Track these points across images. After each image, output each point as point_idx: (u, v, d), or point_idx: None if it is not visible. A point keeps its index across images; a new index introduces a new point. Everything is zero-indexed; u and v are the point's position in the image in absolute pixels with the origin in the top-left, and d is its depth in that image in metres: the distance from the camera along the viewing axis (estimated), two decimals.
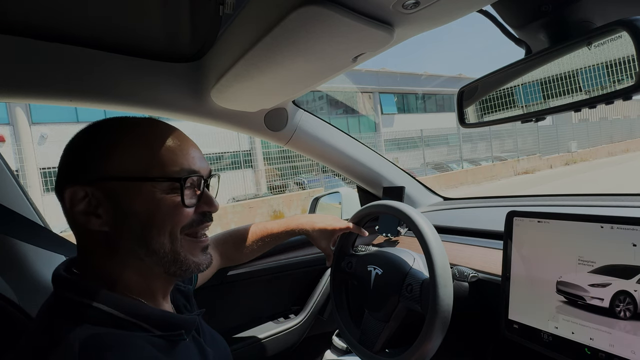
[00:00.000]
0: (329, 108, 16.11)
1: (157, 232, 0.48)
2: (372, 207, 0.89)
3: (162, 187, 0.48)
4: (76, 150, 0.49)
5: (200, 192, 0.52)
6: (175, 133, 0.52)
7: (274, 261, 1.19)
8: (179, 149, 0.50)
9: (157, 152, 0.48)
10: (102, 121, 0.51)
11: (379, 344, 0.81)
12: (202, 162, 0.53)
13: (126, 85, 0.83)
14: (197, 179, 0.51)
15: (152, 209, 0.47)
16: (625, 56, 0.46)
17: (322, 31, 0.55)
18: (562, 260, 0.62)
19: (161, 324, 0.47)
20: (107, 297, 0.45)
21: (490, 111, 0.65)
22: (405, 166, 5.13)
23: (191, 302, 0.62)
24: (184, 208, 0.49)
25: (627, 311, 0.54)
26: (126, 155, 0.47)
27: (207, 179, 0.53)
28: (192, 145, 0.53)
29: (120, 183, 0.46)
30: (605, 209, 0.87)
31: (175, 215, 0.48)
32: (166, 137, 0.50)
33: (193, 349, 0.53)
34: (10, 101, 0.82)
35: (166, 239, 0.48)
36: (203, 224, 0.53)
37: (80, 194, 0.46)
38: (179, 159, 0.49)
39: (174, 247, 0.49)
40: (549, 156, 14.71)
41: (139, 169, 0.47)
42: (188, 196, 0.50)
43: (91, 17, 0.66)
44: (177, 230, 0.49)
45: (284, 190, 9.94)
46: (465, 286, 0.82)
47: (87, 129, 0.50)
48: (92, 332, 0.41)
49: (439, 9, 0.53)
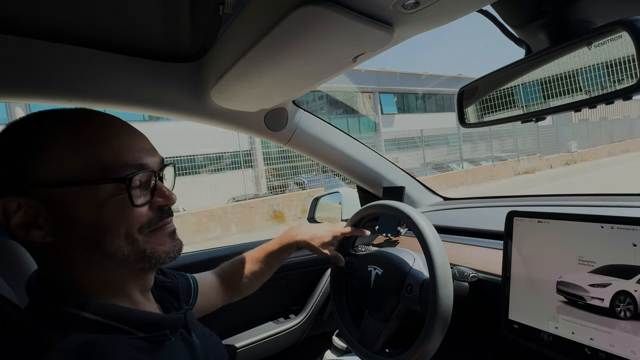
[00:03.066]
0: (329, 108, 16.11)
1: (110, 236, 0.43)
2: (372, 208, 0.89)
3: (107, 189, 0.43)
4: (2, 154, 0.42)
5: (153, 187, 0.47)
6: (116, 124, 0.46)
7: None
8: (121, 144, 0.45)
9: (96, 149, 0.43)
10: (27, 118, 0.44)
11: (379, 344, 0.81)
12: (150, 154, 0.48)
13: (126, 85, 0.83)
14: (146, 175, 0.46)
15: (100, 214, 0.43)
16: (625, 56, 0.46)
17: (322, 31, 0.55)
18: (562, 260, 0.62)
19: (143, 325, 0.45)
20: (86, 304, 0.43)
21: (490, 111, 0.65)
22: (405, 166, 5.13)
23: (179, 298, 0.59)
24: (135, 208, 0.44)
25: (627, 311, 0.54)
26: (60, 156, 0.41)
27: (158, 172, 0.49)
28: (137, 136, 0.48)
29: (58, 189, 0.41)
30: (606, 209, 0.87)
31: (126, 217, 0.44)
32: (105, 131, 0.45)
33: (181, 348, 0.50)
34: (10, 101, 0.82)
35: (122, 242, 0.44)
36: (162, 221, 0.48)
37: (13, 206, 0.41)
38: (122, 155, 0.44)
39: (135, 247, 0.45)
40: (549, 156, 14.71)
41: (78, 172, 0.42)
42: (137, 195, 0.45)
43: (91, 17, 0.66)
44: (133, 232, 0.45)
45: (284, 190, 9.94)
46: (465, 286, 0.82)
47: (9, 128, 0.43)
48: (78, 340, 0.39)
49: (439, 9, 0.53)
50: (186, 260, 1.08)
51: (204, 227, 7.50)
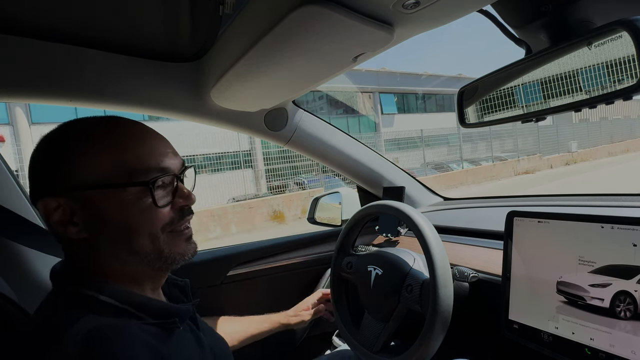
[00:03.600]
0: (329, 108, 16.11)
1: (136, 235, 0.48)
2: (372, 207, 0.89)
3: (133, 191, 0.47)
4: (42, 160, 0.48)
5: (174, 189, 0.51)
6: (141, 131, 0.51)
7: (274, 261, 1.19)
8: (145, 149, 0.49)
9: (122, 155, 0.47)
10: (64, 127, 0.50)
11: (379, 344, 0.81)
12: (172, 158, 0.52)
13: (126, 85, 0.83)
14: (168, 178, 0.50)
15: (127, 214, 0.47)
16: (625, 56, 0.46)
17: (322, 31, 0.55)
18: (563, 260, 0.62)
19: (155, 312, 0.48)
20: (104, 287, 0.46)
21: (490, 111, 0.65)
22: (405, 166, 5.13)
23: (188, 295, 0.63)
24: (159, 209, 0.49)
25: (628, 311, 0.54)
26: (91, 162, 0.47)
27: (180, 174, 0.53)
28: (159, 141, 0.52)
29: (90, 191, 0.46)
30: (606, 209, 0.87)
31: (151, 217, 0.48)
32: (131, 138, 0.49)
33: (189, 338, 0.53)
34: (10, 101, 0.82)
35: (147, 240, 0.49)
36: (184, 219, 0.53)
37: (53, 205, 0.46)
38: (146, 160, 0.48)
39: (156, 246, 0.49)
40: (549, 156, 14.70)
41: (106, 176, 0.46)
42: (160, 196, 0.49)
43: (91, 17, 0.66)
44: (157, 231, 0.49)
45: (284, 191, 9.93)
46: (466, 286, 0.82)
47: (49, 136, 0.49)
48: (95, 323, 0.42)
49: (439, 9, 0.53)
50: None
51: (204, 227, 7.50)
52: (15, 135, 9.38)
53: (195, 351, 0.53)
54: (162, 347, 0.45)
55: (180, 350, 0.49)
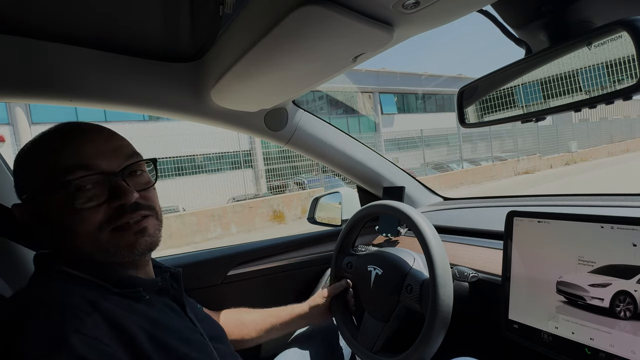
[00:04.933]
0: (329, 108, 16.10)
1: (72, 237, 0.49)
2: (372, 207, 0.89)
3: (58, 197, 0.47)
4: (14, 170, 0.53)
5: (109, 187, 0.49)
6: (71, 132, 0.50)
7: (274, 261, 1.19)
8: (68, 149, 0.48)
9: (48, 159, 0.48)
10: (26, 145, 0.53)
11: (379, 344, 0.81)
12: (107, 155, 0.50)
13: (126, 85, 0.83)
14: (95, 177, 0.48)
15: (60, 218, 0.48)
16: (625, 56, 0.46)
17: (322, 31, 0.55)
18: (562, 260, 0.62)
19: (117, 282, 0.50)
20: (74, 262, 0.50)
21: (490, 111, 0.65)
22: (405, 166, 5.13)
23: (179, 283, 0.63)
24: (85, 211, 0.48)
25: (627, 311, 0.54)
26: (30, 172, 0.50)
27: (121, 171, 0.51)
28: (90, 140, 0.50)
29: (33, 201, 0.50)
30: (605, 209, 0.87)
31: (78, 219, 0.48)
32: (57, 140, 0.49)
33: (161, 307, 0.54)
34: (10, 101, 0.82)
35: (84, 241, 0.49)
36: (123, 216, 0.50)
37: (17, 212, 0.52)
38: (65, 161, 0.47)
39: (97, 245, 0.49)
40: (549, 156, 14.70)
41: (36, 185, 0.49)
42: (86, 198, 0.48)
43: (91, 17, 0.66)
44: (92, 231, 0.48)
45: (284, 190, 9.93)
46: (465, 286, 0.82)
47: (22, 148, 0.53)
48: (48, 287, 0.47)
49: (439, 9, 0.53)
50: (186, 260, 1.08)
51: (204, 227, 7.50)
52: (15, 135, 9.37)
53: (171, 323, 0.53)
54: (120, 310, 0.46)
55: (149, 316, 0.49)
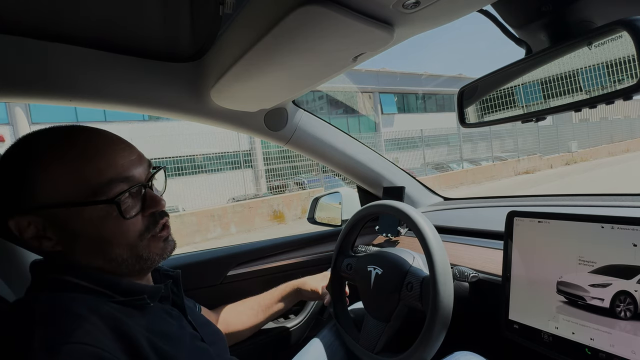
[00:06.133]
0: (329, 108, 16.10)
1: (112, 246, 0.48)
2: (373, 207, 0.89)
3: (99, 208, 0.46)
4: (6, 178, 0.46)
5: (142, 196, 0.51)
6: (102, 141, 0.49)
7: (274, 261, 1.19)
8: (106, 161, 0.48)
9: (82, 171, 0.46)
10: (25, 141, 0.48)
11: (380, 345, 0.81)
12: (137, 165, 0.51)
13: (126, 85, 0.83)
14: (135, 188, 0.49)
15: (99, 228, 0.47)
16: (625, 56, 0.46)
17: (322, 31, 0.55)
18: (563, 260, 0.62)
19: (123, 290, 0.49)
20: (79, 272, 0.48)
21: (490, 111, 0.65)
22: (405, 166, 5.13)
23: (179, 286, 0.63)
24: (129, 220, 0.49)
25: (628, 311, 0.54)
26: (52, 181, 0.45)
27: (147, 181, 0.52)
28: (122, 150, 0.50)
29: (56, 210, 0.45)
30: (606, 209, 0.87)
31: (123, 229, 0.48)
32: (91, 150, 0.47)
33: (161, 315, 0.53)
34: (10, 101, 0.82)
35: (124, 250, 0.49)
36: (158, 223, 0.52)
37: (24, 223, 0.46)
38: (108, 173, 0.47)
39: (134, 252, 0.50)
40: (549, 156, 14.70)
41: (69, 194, 0.45)
42: (129, 208, 0.49)
43: (91, 17, 0.65)
44: (134, 241, 0.50)
45: (284, 190, 9.93)
46: (466, 286, 0.82)
47: (11, 153, 0.47)
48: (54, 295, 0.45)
49: (439, 9, 0.53)
50: (186, 260, 1.08)
51: (204, 227, 7.50)
52: (15, 135, 9.37)
53: (172, 330, 0.52)
54: (124, 319, 0.45)
55: (152, 325, 0.49)
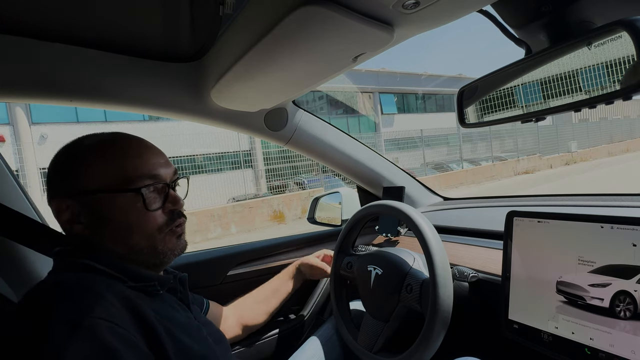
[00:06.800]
0: (329, 108, 16.10)
1: (134, 233, 0.56)
2: (372, 207, 0.89)
3: (129, 196, 0.55)
4: (58, 168, 0.57)
5: (165, 194, 0.59)
6: (139, 144, 0.59)
7: (274, 261, 1.19)
8: (141, 160, 0.57)
9: (120, 165, 0.56)
10: (78, 141, 0.58)
11: (379, 344, 0.81)
12: (165, 168, 0.60)
13: (126, 85, 0.83)
14: (160, 185, 0.58)
15: (126, 215, 0.55)
16: (625, 56, 0.46)
17: (322, 31, 0.55)
18: (562, 260, 0.62)
19: (136, 277, 0.55)
20: (99, 257, 0.54)
21: (490, 111, 0.65)
22: (405, 166, 5.13)
23: (185, 287, 0.67)
24: (151, 212, 0.56)
25: (627, 311, 0.54)
26: (95, 171, 0.55)
27: (171, 183, 0.60)
28: (154, 153, 0.60)
29: (94, 196, 0.54)
30: (605, 209, 0.87)
31: (145, 219, 0.56)
32: (129, 150, 0.57)
33: (171, 302, 0.59)
34: (10, 101, 0.82)
35: (143, 239, 0.56)
36: (175, 221, 0.60)
37: (63, 206, 0.55)
38: (140, 169, 0.56)
39: (151, 243, 0.57)
40: (549, 156, 14.70)
41: (107, 183, 0.54)
42: (152, 201, 0.57)
43: (91, 17, 0.66)
44: (153, 232, 0.57)
45: (284, 190, 9.93)
46: (465, 286, 0.82)
47: (65, 148, 0.58)
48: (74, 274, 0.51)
49: (439, 9, 0.53)
50: (186, 260, 1.08)
51: (204, 227, 7.50)
52: (15, 135, 9.38)
53: (181, 319, 0.57)
54: (138, 301, 0.50)
55: (162, 311, 0.54)
